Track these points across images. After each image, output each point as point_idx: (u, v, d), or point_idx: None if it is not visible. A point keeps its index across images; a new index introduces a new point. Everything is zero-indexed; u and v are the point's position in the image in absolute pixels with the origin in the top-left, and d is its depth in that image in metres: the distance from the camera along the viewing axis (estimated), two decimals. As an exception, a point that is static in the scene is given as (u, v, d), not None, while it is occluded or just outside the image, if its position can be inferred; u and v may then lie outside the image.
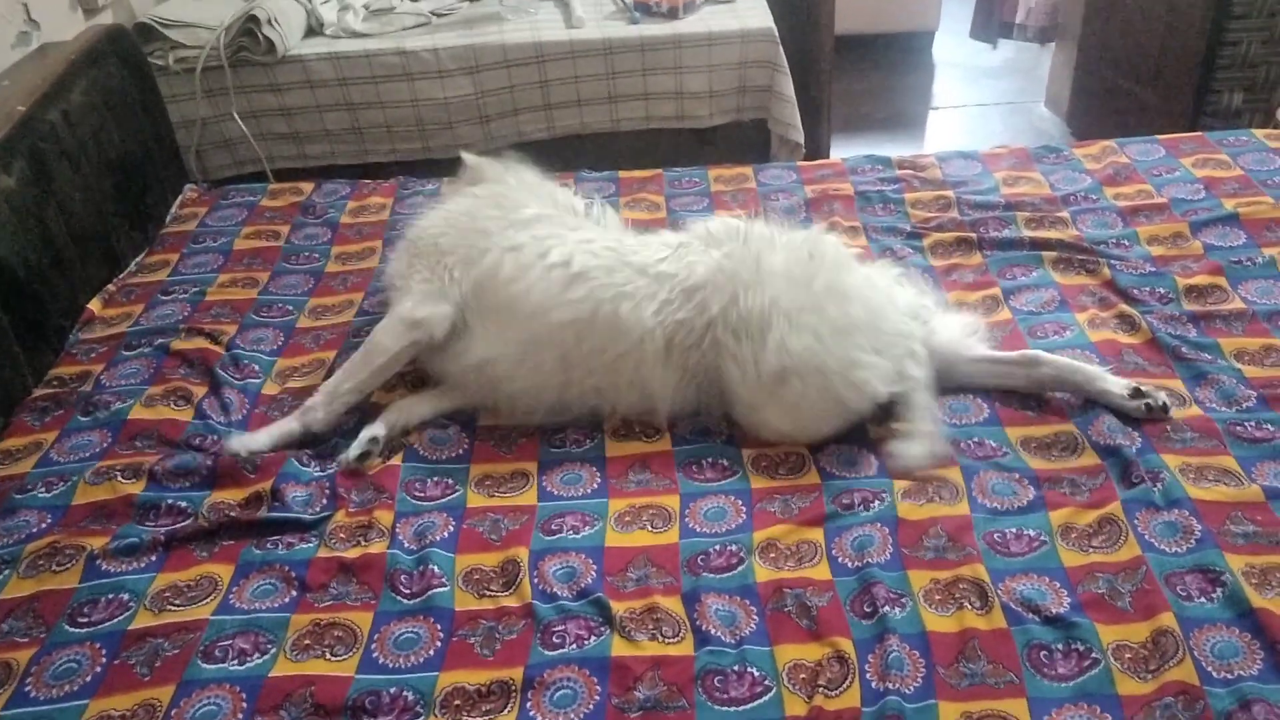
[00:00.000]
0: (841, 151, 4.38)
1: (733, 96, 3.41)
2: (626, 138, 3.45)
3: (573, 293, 1.97)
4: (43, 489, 1.91)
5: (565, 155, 3.32)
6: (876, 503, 1.77)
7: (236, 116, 3.29)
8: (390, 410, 2.05)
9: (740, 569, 1.67)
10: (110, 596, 1.67)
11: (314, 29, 3.41)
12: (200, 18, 3.26)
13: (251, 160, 3.39)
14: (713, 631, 1.56)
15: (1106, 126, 4.53)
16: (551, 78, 3.32)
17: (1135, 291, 2.26)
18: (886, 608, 1.57)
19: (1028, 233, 2.51)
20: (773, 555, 1.70)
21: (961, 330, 2.02)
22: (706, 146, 3.46)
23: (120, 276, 2.62)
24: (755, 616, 1.59)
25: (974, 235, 2.50)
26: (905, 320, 1.98)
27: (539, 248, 2.04)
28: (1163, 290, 2.26)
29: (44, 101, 2.43)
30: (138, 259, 2.70)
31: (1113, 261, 2.36)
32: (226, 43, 3.20)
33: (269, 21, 3.19)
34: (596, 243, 2.06)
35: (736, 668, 1.51)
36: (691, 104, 3.39)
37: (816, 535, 1.73)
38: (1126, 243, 2.44)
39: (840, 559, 1.68)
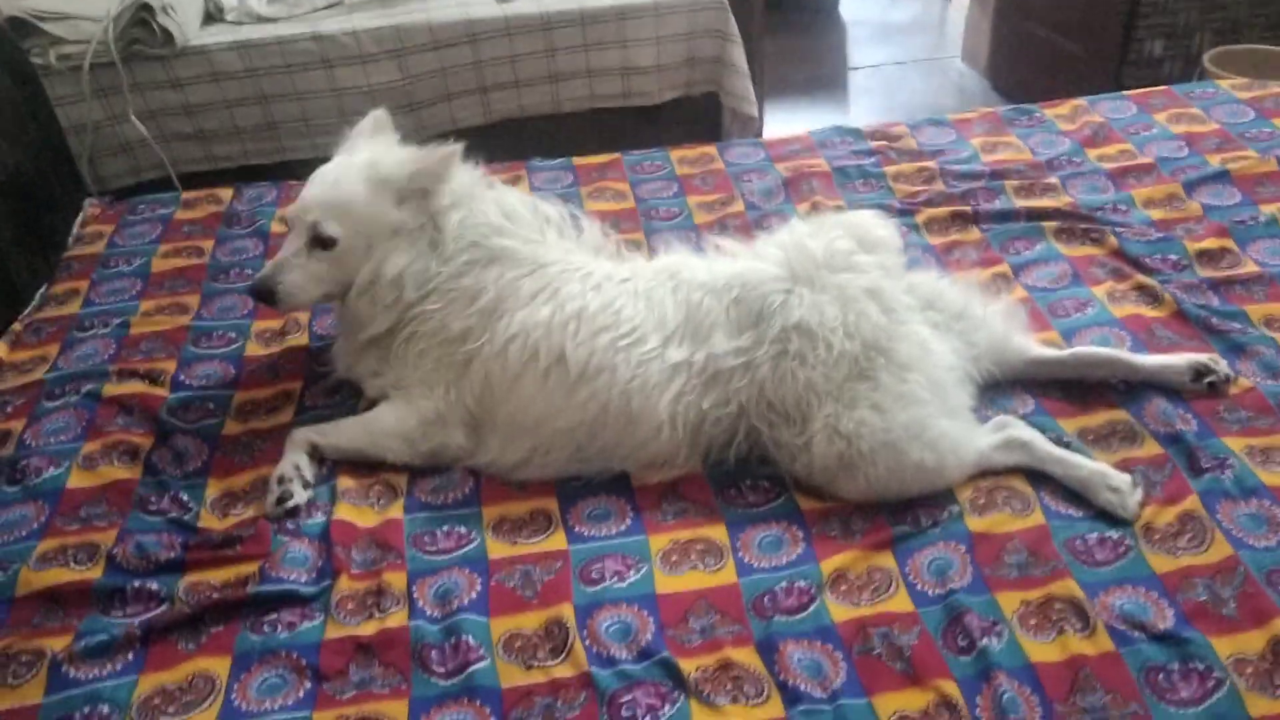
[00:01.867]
0: (771, 120, 4.24)
1: (682, 70, 3.21)
2: (569, 120, 3.22)
3: (576, 396, 1.73)
4: (-23, 582, 1.61)
5: (504, 142, 3.08)
6: (944, 517, 1.63)
7: (134, 118, 2.93)
8: (307, 431, 1.83)
9: (813, 608, 1.51)
10: (86, 711, 1.41)
11: (213, 15, 3.07)
12: (83, 8, 2.88)
13: (153, 166, 3.04)
14: (801, 686, 1.40)
15: (1029, 80, 4.51)
16: (486, 58, 3.06)
17: (1147, 260, 2.17)
18: (984, 639, 1.43)
19: (1021, 202, 2.40)
20: (845, 588, 1.54)
21: (1004, 324, 1.88)
22: (653, 125, 3.25)
23: (25, 313, 2.28)
24: (842, 663, 1.43)
25: (968, 208, 2.38)
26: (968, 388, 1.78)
27: (525, 345, 1.76)
28: (1174, 257, 2.17)
29: (-82, 116, 2.08)
30: (41, 290, 2.36)
31: (1116, 229, 2.27)
32: (116, 35, 2.83)
33: (163, 9, 2.83)
34: (590, 312, 1.77)
35: (837, 727, 1.35)
36: (638, 80, 3.18)
37: (887, 561, 1.58)
38: (1123, 207, 2.36)
39: (919, 586, 1.53)
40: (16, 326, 2.22)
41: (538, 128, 3.20)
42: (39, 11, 2.84)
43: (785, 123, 4.30)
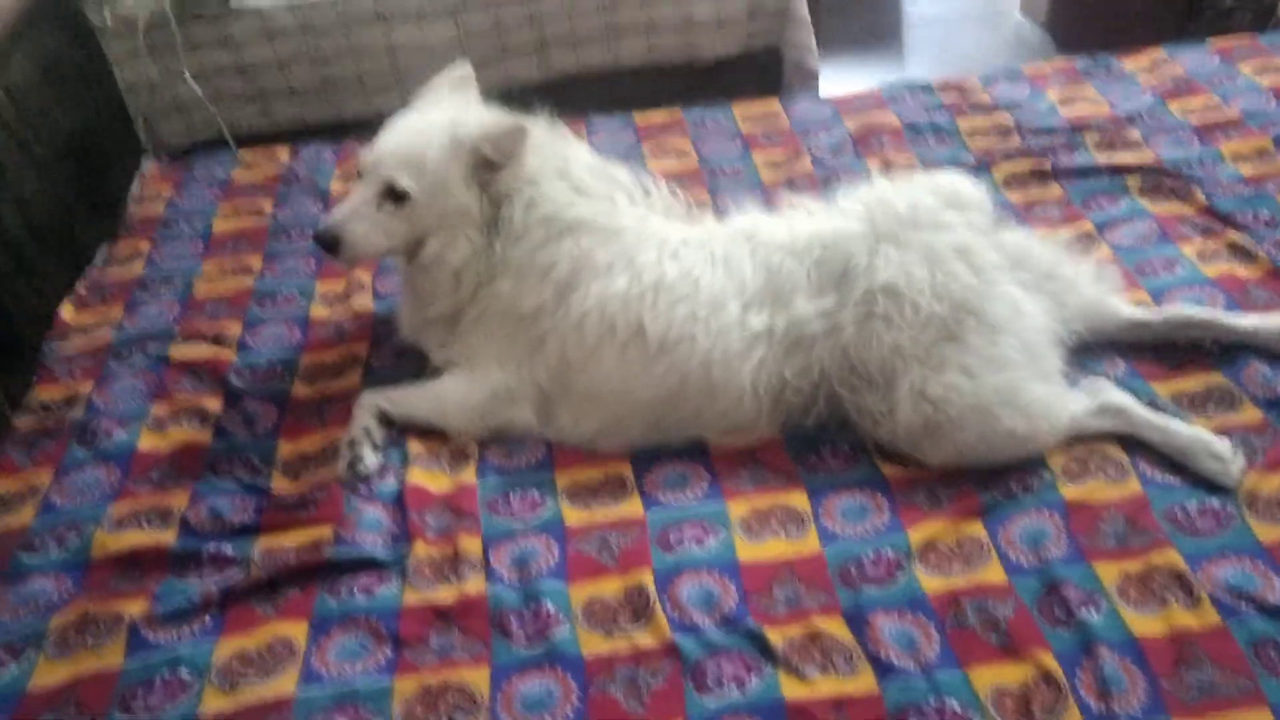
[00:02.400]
0: (825, 75, 4.13)
1: (743, 22, 3.12)
2: (627, 76, 3.14)
3: (655, 368, 1.68)
4: (53, 545, 1.62)
5: (559, 99, 2.99)
6: (1036, 484, 1.57)
7: (189, 78, 2.90)
8: (375, 396, 1.80)
9: (903, 579, 1.46)
10: (166, 675, 1.40)
11: (267, -29, 3.02)
12: (137, -34, 2.85)
13: (208, 126, 3.01)
14: (893, 659, 1.35)
15: (1091, 33, 4.34)
16: (543, 12, 2.98)
17: (1238, 216, 2.07)
18: (1083, 611, 1.38)
19: (1102, 158, 2.30)
20: (935, 559, 1.49)
21: (1095, 284, 1.80)
22: (713, 81, 3.17)
23: (88, 273, 2.27)
24: (935, 635, 1.39)
25: (1047, 164, 2.29)
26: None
27: (601, 318, 1.71)
28: (1267, 213, 2.08)
29: (-19, 77, 2.06)
30: (102, 249, 2.35)
31: (1203, 185, 2.17)
32: (171, -7, 2.80)
33: (218, -34, 2.80)
34: (668, 281, 1.71)
35: (933, 701, 1.30)
36: (698, 34, 3.09)
37: (977, 530, 1.52)
38: (1210, 163, 2.26)
39: (1013, 556, 1.48)
40: (80, 288, 2.21)
41: (595, 85, 3.13)
42: (94, -30, 2.82)
43: (841, 78, 4.18)
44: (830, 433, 1.70)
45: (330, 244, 1.75)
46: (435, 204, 1.73)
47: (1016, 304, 1.63)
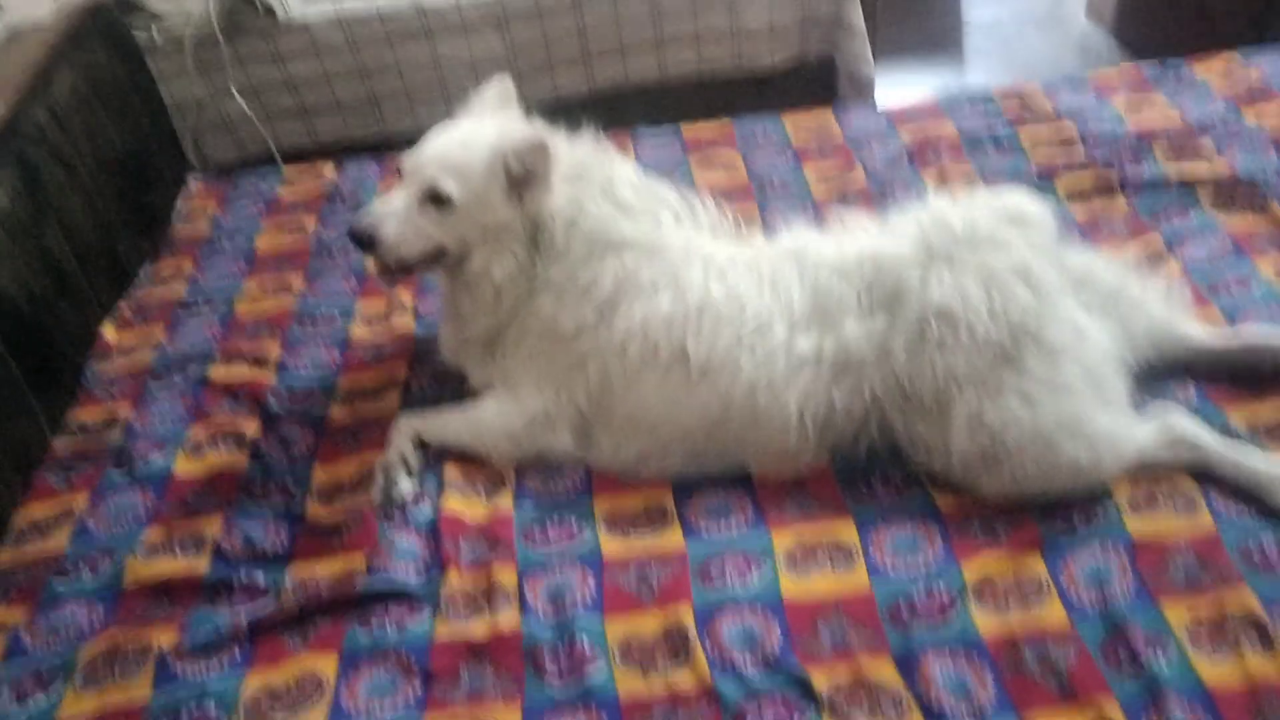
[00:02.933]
0: (883, 84, 4.04)
1: (795, 32, 3.04)
2: (675, 88, 3.08)
3: (698, 393, 1.62)
4: (86, 571, 1.60)
5: (607, 112, 2.95)
6: (1100, 517, 1.48)
7: (236, 94, 2.91)
8: (412, 420, 1.77)
9: (956, 618, 1.38)
10: (193, 710, 1.37)
11: (315, -13, 3.02)
12: (185, -17, 2.86)
13: (256, 142, 3.01)
14: (945, 706, 1.28)
15: (1162, 37, 4.19)
16: (590, 24, 2.94)
17: (1317, 230, 1.96)
18: (1150, 655, 1.29)
19: (1171, 169, 2.19)
20: (991, 596, 1.41)
21: (1164, 305, 1.70)
22: (765, 94, 3.09)
23: (131, 293, 2.27)
24: (990, 680, 1.31)
25: (1113, 176, 2.19)
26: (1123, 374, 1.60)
27: (644, 341, 1.65)
28: (1349, 228, 1.96)
29: (28, 98, 2.06)
30: (145, 268, 2.35)
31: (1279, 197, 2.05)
32: (218, 11, 2.81)
33: (265, -18, 2.80)
34: (713, 303, 1.64)
35: (988, 752, 1.23)
36: (749, 44, 3.02)
37: (1037, 566, 1.44)
38: (1288, 173, 2.13)
39: (1074, 595, 1.39)
40: (123, 308, 2.21)
41: (643, 97, 3.08)
42: (144, -12, 2.83)
43: (898, 86, 4.09)
44: (881, 461, 1.62)
45: (365, 241, 1.68)
46: (476, 214, 1.68)
47: (1079, 327, 1.54)
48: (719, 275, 1.67)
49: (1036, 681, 1.30)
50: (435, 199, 1.66)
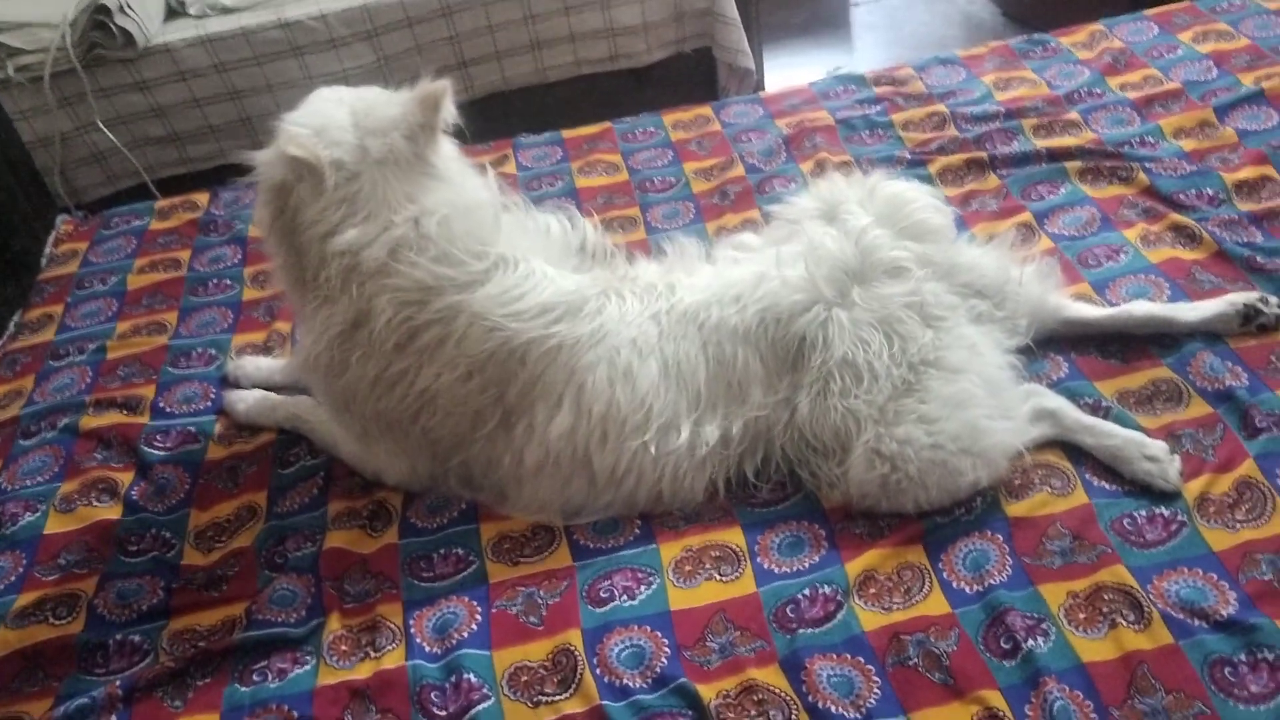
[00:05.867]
0: (771, 69, 4.05)
1: (670, 26, 3.03)
2: (555, 89, 3.06)
3: (601, 499, 1.58)
4: (-46, 644, 1.53)
5: (489, 117, 2.93)
6: (977, 504, 1.49)
7: (101, 125, 2.81)
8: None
9: (841, 616, 1.39)
10: (68, 785, 1.32)
11: (175, 9, 2.92)
12: (36, 14, 2.74)
13: (128, 174, 2.92)
14: (831, 709, 1.28)
15: (1044, 11, 4.25)
16: (463, 30, 2.89)
17: (1181, 196, 2.00)
18: (1029, 641, 1.30)
19: (1040, 143, 2.23)
20: (874, 591, 1.41)
21: (1039, 284, 1.72)
22: (646, 87, 3.08)
23: (0, 343, 2.18)
24: (876, 678, 1.31)
25: (983, 154, 2.22)
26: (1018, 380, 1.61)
27: (545, 452, 1.55)
28: (1211, 191, 2.00)
29: None
30: (15, 319, 2.26)
31: (1145, 164, 2.10)
32: (75, 40, 2.70)
33: (121, 8, 2.70)
34: (618, 411, 1.54)
35: (874, 752, 1.23)
36: (625, 40, 3.01)
37: (918, 556, 1.45)
38: (1152, 140, 2.18)
39: (955, 584, 1.40)
40: (-10, 360, 2.12)
41: (523, 99, 3.05)
42: (-7, 22, 2.72)
43: (787, 70, 4.11)
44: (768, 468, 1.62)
45: None
46: None
47: (974, 345, 1.55)
48: (624, 376, 1.55)
49: (921, 674, 1.30)
50: None
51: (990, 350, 1.58)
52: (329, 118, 1.56)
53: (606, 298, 1.61)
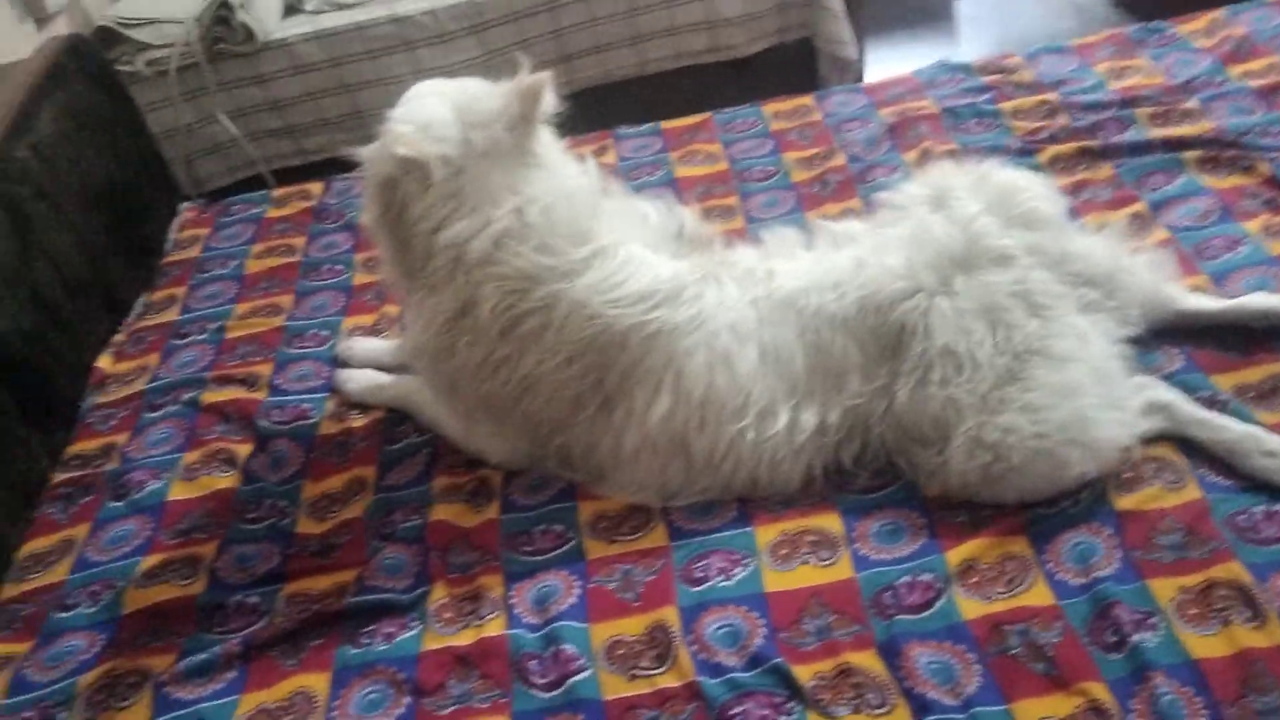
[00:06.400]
0: (873, 61, 4.01)
1: (772, 17, 3.03)
2: (653, 81, 3.08)
3: (697, 484, 1.59)
4: (86, 601, 1.62)
5: (588, 109, 2.95)
6: (1084, 495, 1.46)
7: (222, 117, 2.93)
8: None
9: (940, 604, 1.37)
10: (190, 734, 1.39)
11: (293, 6, 3.04)
12: (167, 11, 2.88)
13: (246, 164, 3.04)
14: (929, 694, 1.27)
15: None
16: (566, 25, 2.94)
17: (1307, 187, 1.92)
18: (1137, 634, 1.27)
19: (1156, 132, 2.16)
20: (975, 580, 1.40)
21: (1153, 274, 1.68)
22: (745, 79, 3.08)
23: (127, 323, 2.29)
24: (976, 666, 1.30)
25: (1095, 143, 2.16)
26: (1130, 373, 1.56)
27: (643, 438, 1.58)
28: (1338, 181, 1.92)
29: (10, 137, 2.09)
30: (141, 299, 2.38)
31: (1268, 154, 2.02)
32: (200, 35, 2.83)
33: (242, 5, 2.81)
34: (717, 396, 1.55)
35: (973, 739, 1.22)
36: (726, 32, 3.01)
37: (1021, 547, 1.43)
38: (1276, 130, 2.09)
39: (1060, 575, 1.38)
40: (119, 337, 2.24)
41: (621, 92, 3.08)
42: (126, 19, 2.86)
43: (888, 62, 4.05)
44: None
45: None
46: None
47: (1082, 334, 1.51)
48: (723, 361, 1.56)
49: (1022, 664, 1.29)
50: None
51: (1100, 340, 1.54)
52: (433, 113, 1.59)
53: (705, 283, 1.62)
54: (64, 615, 1.61)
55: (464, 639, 1.45)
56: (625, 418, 1.59)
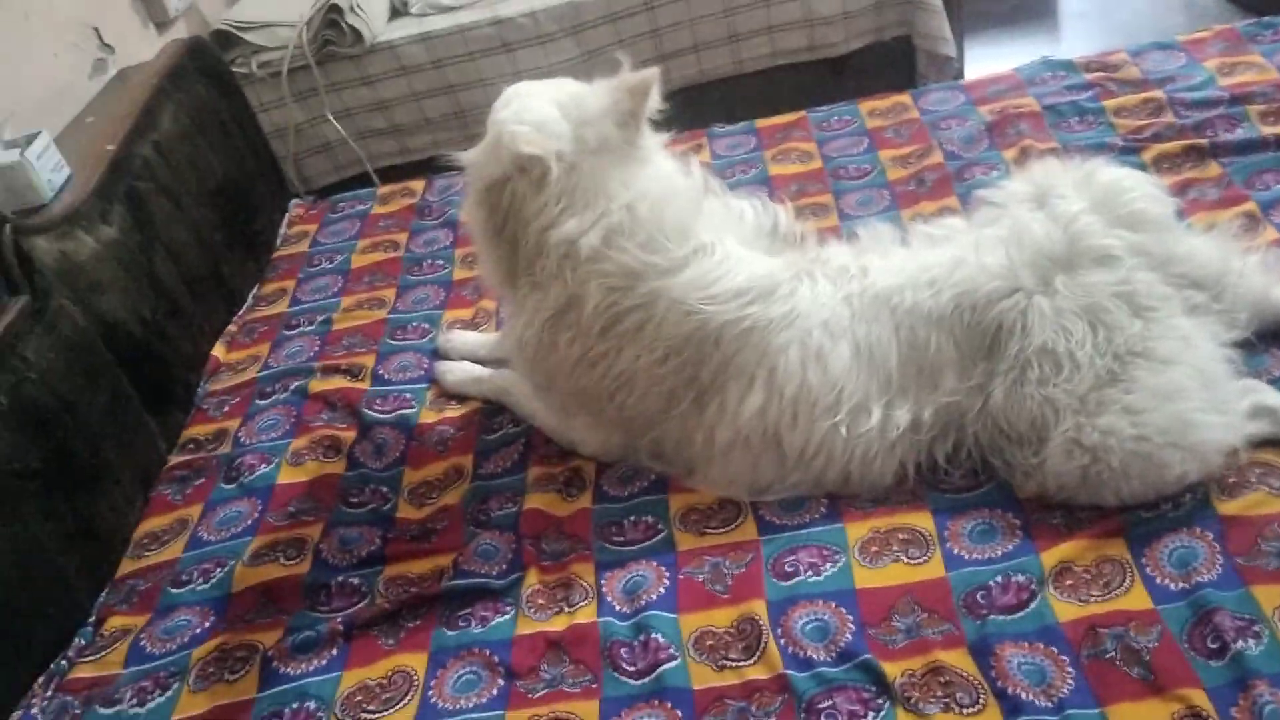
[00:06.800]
0: (972, 60, 3.94)
1: (870, 15, 3.01)
2: (749, 80, 3.09)
3: (789, 478, 1.60)
4: (199, 579, 1.70)
5: (683, 108, 2.96)
6: (1186, 500, 1.43)
7: (331, 117, 3.04)
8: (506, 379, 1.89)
9: (1034, 605, 1.36)
10: (295, 707, 1.45)
11: (398, 9, 3.13)
12: (277, 15, 3.00)
13: (352, 163, 3.15)
14: (1022, 694, 1.26)
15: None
16: (663, 25, 2.97)
17: None
18: (1239, 642, 1.24)
19: (1268, 129, 2.09)
20: (1070, 583, 1.38)
21: (1263, 275, 1.63)
22: (841, 77, 3.07)
23: (239, 314, 2.40)
24: (1070, 669, 1.28)
25: (1204, 141, 2.10)
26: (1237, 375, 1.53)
27: (735, 433, 1.59)
28: None
29: (133, 135, 2.21)
30: (253, 291, 2.48)
31: (1389, 152, 1.94)
32: (310, 38, 2.94)
33: (351, 8, 2.91)
34: (809, 391, 1.55)
35: (1065, 741, 1.21)
36: (823, 30, 3.00)
37: (1119, 550, 1.40)
38: (1397, 126, 2.02)
39: (1159, 580, 1.35)
40: (232, 328, 2.34)
41: (716, 91, 3.09)
42: (241, 22, 2.98)
43: (988, 60, 3.98)
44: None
45: None
46: None
47: (1187, 337, 1.47)
48: (816, 357, 1.56)
49: (1118, 668, 1.27)
50: None
51: (1205, 343, 1.50)
52: (542, 112, 1.61)
53: (799, 280, 1.63)
54: (178, 591, 1.69)
55: (556, 625, 1.49)
56: (718, 413, 1.61)
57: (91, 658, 1.61)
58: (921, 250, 1.68)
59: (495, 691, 1.42)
